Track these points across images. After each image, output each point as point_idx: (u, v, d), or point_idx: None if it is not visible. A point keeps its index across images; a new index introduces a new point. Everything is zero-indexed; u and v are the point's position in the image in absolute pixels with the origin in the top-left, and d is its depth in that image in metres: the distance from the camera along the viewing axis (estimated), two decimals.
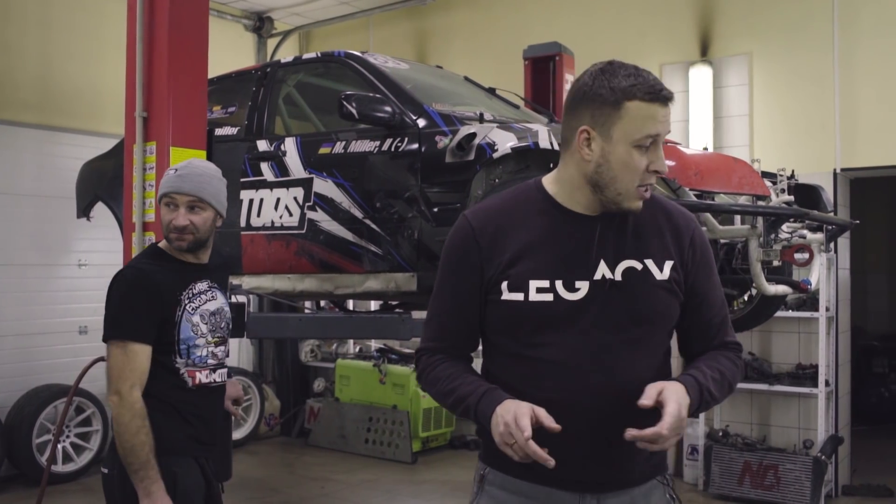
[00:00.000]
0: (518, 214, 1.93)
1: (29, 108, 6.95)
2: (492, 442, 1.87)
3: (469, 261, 1.93)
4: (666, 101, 1.82)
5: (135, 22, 4.02)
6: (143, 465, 2.69)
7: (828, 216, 4.17)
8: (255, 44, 8.90)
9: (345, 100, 3.94)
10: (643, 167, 1.84)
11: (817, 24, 6.33)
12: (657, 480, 1.99)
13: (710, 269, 2.02)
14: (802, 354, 6.36)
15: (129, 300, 2.77)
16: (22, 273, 6.83)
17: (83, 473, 6.70)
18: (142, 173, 3.99)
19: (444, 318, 2.01)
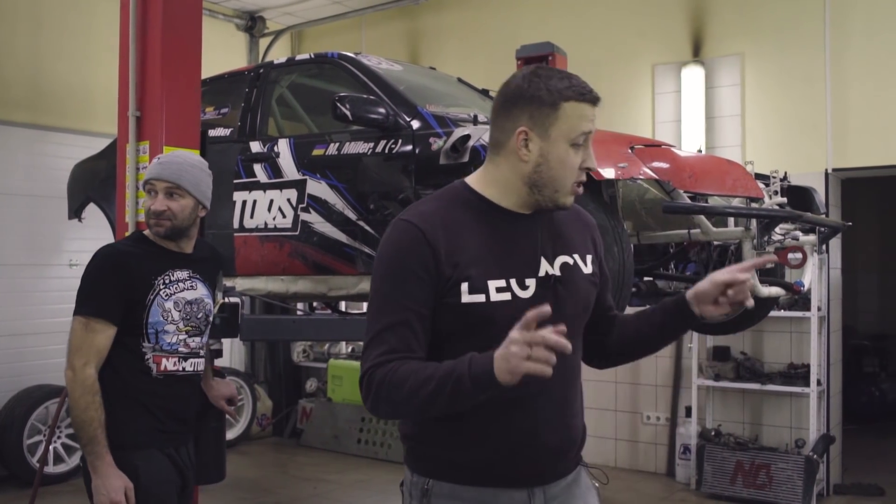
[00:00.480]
0: (460, 217, 1.91)
1: (20, 107, 6.91)
2: (442, 453, 1.92)
3: (423, 264, 1.84)
4: (595, 102, 1.92)
5: (128, 21, 4.00)
6: (91, 441, 2.72)
7: (820, 218, 4.19)
8: (247, 43, 8.88)
9: (339, 101, 3.93)
10: (577, 165, 1.91)
11: (809, 24, 6.36)
12: (580, 465, 2.08)
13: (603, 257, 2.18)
14: (794, 354, 6.38)
15: (98, 278, 2.81)
16: (13, 273, 6.79)
17: (74, 474, 6.64)
18: (135, 173, 3.97)
19: (399, 329, 1.83)
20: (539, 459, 1.93)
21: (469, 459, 1.91)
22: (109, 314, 2.77)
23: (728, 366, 6.43)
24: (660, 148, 3.67)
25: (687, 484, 6.50)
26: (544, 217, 1.98)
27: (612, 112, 7.14)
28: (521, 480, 1.93)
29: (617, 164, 3.37)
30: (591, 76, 7.01)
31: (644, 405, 7.01)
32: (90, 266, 2.85)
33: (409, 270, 1.83)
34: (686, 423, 6.61)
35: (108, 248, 2.93)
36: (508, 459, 1.90)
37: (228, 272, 4.65)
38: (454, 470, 1.91)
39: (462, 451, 1.91)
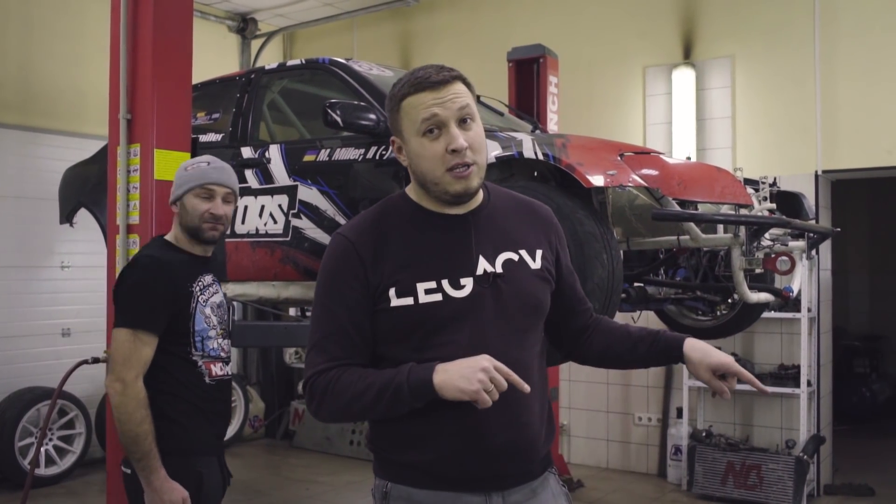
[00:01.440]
0: (392, 224, 1.96)
1: (10, 108, 6.89)
2: (394, 455, 1.92)
3: (354, 274, 1.90)
4: (434, 85, 1.87)
5: (118, 23, 3.99)
6: (146, 455, 2.70)
7: (809, 224, 4.21)
8: (238, 45, 8.87)
9: (329, 108, 3.93)
10: (440, 151, 1.87)
11: (799, 26, 6.38)
12: (549, 471, 2.05)
13: (567, 251, 2.15)
14: (785, 355, 6.41)
15: (143, 288, 2.78)
16: (4, 275, 6.77)
17: (66, 476, 6.66)
18: (126, 175, 3.96)
19: (337, 336, 1.90)
20: (489, 460, 1.89)
21: (418, 461, 1.91)
22: (155, 325, 2.76)
23: None
24: (649, 155, 3.69)
25: (678, 485, 6.52)
26: (482, 214, 1.97)
27: (604, 114, 7.17)
28: (475, 483, 1.90)
29: (606, 172, 3.39)
30: (582, 78, 7.11)
31: (635, 406, 7.03)
32: (132, 276, 2.80)
33: (342, 281, 1.91)
34: (677, 423, 6.64)
35: (148, 259, 2.87)
36: (455, 460, 1.88)
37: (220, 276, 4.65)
38: (408, 472, 1.92)
39: (410, 452, 1.91)
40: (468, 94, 1.91)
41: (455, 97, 1.87)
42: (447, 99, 1.87)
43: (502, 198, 2.06)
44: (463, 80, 1.93)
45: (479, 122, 1.93)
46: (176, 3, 4.00)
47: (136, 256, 2.86)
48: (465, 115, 1.88)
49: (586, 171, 3.36)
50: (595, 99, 7.20)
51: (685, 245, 3.80)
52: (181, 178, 2.98)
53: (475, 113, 1.91)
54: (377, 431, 1.97)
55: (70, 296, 7.03)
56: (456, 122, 1.87)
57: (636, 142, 7.03)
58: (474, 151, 1.88)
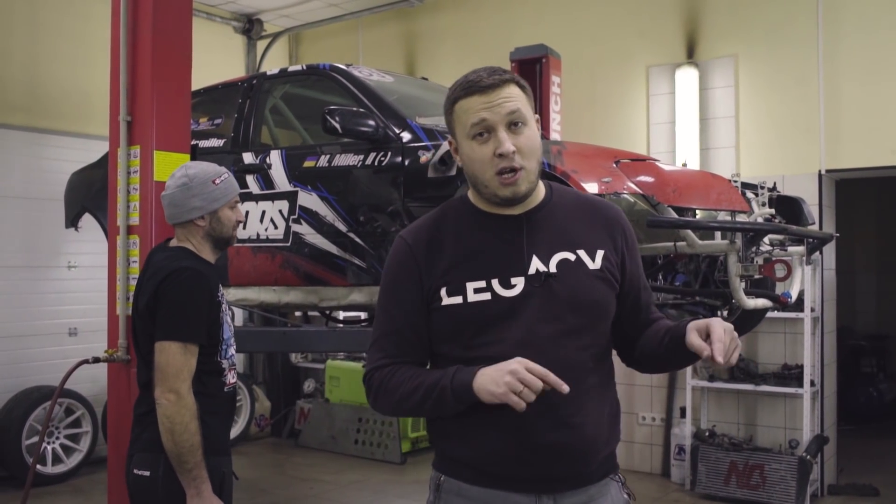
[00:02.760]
0: (448, 225, 2.01)
1: (17, 110, 6.95)
2: (447, 449, 1.97)
3: (409, 275, 1.98)
4: (484, 90, 1.89)
5: (118, 26, 4.03)
6: (197, 465, 2.73)
7: (806, 230, 4.20)
8: (244, 46, 8.91)
9: (328, 114, 3.95)
10: (489, 155, 1.90)
11: (802, 25, 6.37)
12: (610, 478, 2.01)
13: (637, 252, 2.11)
14: (788, 355, 6.40)
15: (189, 301, 2.80)
16: (11, 275, 6.83)
17: (73, 475, 6.72)
18: (126, 177, 4.00)
19: (394, 336, 1.99)
20: (536, 461, 1.88)
21: (469, 457, 1.94)
22: (201, 337, 2.81)
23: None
24: (644, 162, 3.70)
25: (682, 484, 6.52)
26: (539, 214, 1.98)
27: (607, 114, 7.17)
28: (524, 484, 1.90)
29: (601, 179, 3.40)
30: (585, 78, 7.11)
31: (639, 406, 7.03)
32: (180, 289, 2.80)
33: (399, 283, 2.00)
34: (681, 423, 6.63)
35: (192, 272, 2.86)
36: (503, 458, 1.89)
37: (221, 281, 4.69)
38: (459, 467, 1.96)
39: (462, 448, 1.95)
40: (521, 98, 1.92)
41: (505, 101, 1.88)
42: (496, 103, 1.88)
43: (566, 197, 2.05)
44: (517, 83, 1.94)
45: (533, 126, 1.94)
46: (175, 6, 4.04)
47: (178, 269, 2.82)
48: (515, 119, 1.89)
49: (581, 179, 3.38)
50: (598, 99, 7.20)
51: (682, 251, 3.80)
52: (214, 192, 2.97)
53: (527, 117, 1.91)
54: (433, 425, 2.01)
55: (77, 296, 7.08)
56: (504, 126, 1.89)
57: (640, 141, 7.04)
58: (523, 156, 1.89)
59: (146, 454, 2.83)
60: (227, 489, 2.93)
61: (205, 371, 2.85)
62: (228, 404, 3.01)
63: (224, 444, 2.96)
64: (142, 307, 2.86)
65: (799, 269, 4.47)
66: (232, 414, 3.09)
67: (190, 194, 2.94)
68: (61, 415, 6.73)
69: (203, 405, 2.81)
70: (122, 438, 2.84)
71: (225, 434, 2.99)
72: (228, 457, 2.99)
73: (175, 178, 2.99)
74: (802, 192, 6.20)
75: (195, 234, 2.98)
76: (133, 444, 2.91)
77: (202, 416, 2.79)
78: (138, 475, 2.84)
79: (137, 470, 2.84)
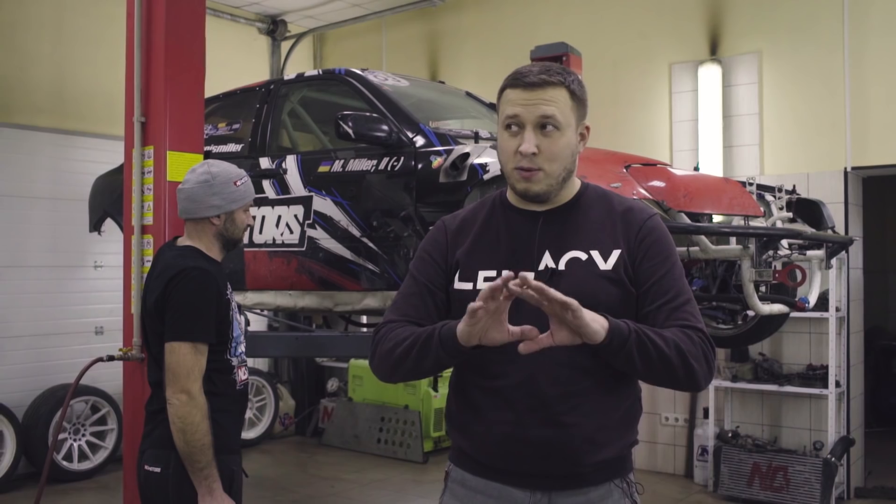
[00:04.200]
0: (479, 216, 2.08)
1: (43, 112, 7.06)
2: (455, 439, 2.01)
3: (437, 247, 2.07)
4: (527, 86, 1.90)
5: (133, 28, 4.08)
6: (209, 463, 2.76)
7: (822, 234, 4.12)
8: (269, 47, 8.97)
9: (341, 119, 3.96)
10: (512, 149, 1.93)
11: (827, 21, 6.27)
12: (614, 484, 1.96)
13: (664, 258, 1.98)
14: (813, 355, 6.30)
15: (198, 301, 2.82)
16: (38, 275, 6.94)
17: (99, 471, 6.81)
18: (140, 177, 4.05)
19: (412, 298, 2.05)
20: (527, 455, 1.90)
21: (468, 447, 1.98)
22: (210, 336, 2.83)
23: (746, 367, 6.38)
24: (655, 167, 3.67)
25: (705, 486, 6.46)
26: (560, 212, 1.99)
27: (630, 112, 7.12)
28: (519, 478, 1.92)
29: (610, 184, 3.37)
30: (608, 76, 7.08)
31: (662, 406, 6.97)
32: (188, 289, 2.81)
33: (427, 253, 2.08)
34: (704, 424, 6.56)
35: (200, 272, 2.86)
36: (497, 451, 1.92)
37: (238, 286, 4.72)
38: (463, 458, 2.01)
39: (464, 439, 2.00)
40: (563, 103, 1.91)
41: (542, 103, 1.89)
42: (533, 102, 1.89)
43: (596, 198, 2.04)
44: (567, 87, 1.92)
45: (568, 133, 1.93)
46: (187, 8, 4.07)
47: (185, 269, 2.82)
48: (547, 122, 1.90)
49: None
50: (621, 97, 7.15)
51: (695, 257, 3.76)
52: (234, 193, 2.98)
53: (562, 123, 1.91)
54: (447, 416, 2.07)
55: (103, 295, 7.16)
56: (535, 125, 1.90)
57: (662, 139, 6.98)
58: (545, 159, 1.91)
59: (157, 451, 2.85)
60: (237, 487, 2.95)
61: (215, 369, 2.87)
62: (239, 402, 3.02)
63: (234, 442, 2.98)
64: (150, 306, 2.88)
65: (818, 273, 4.39)
66: (243, 412, 3.09)
67: (211, 192, 2.94)
68: (87, 412, 6.82)
69: (213, 403, 2.82)
70: (136, 436, 2.87)
71: (235, 432, 3.00)
72: (239, 455, 3.01)
73: (196, 173, 2.98)
74: (828, 190, 6.16)
75: (207, 231, 2.98)
76: (145, 441, 2.93)
77: (213, 415, 2.81)
78: (149, 471, 2.86)
79: (149, 466, 2.86)
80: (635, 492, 2.03)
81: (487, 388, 1.93)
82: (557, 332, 1.74)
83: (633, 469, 2.05)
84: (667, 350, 1.83)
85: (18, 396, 6.65)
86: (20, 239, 6.84)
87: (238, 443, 3.02)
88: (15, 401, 6.58)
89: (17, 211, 6.83)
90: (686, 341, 1.86)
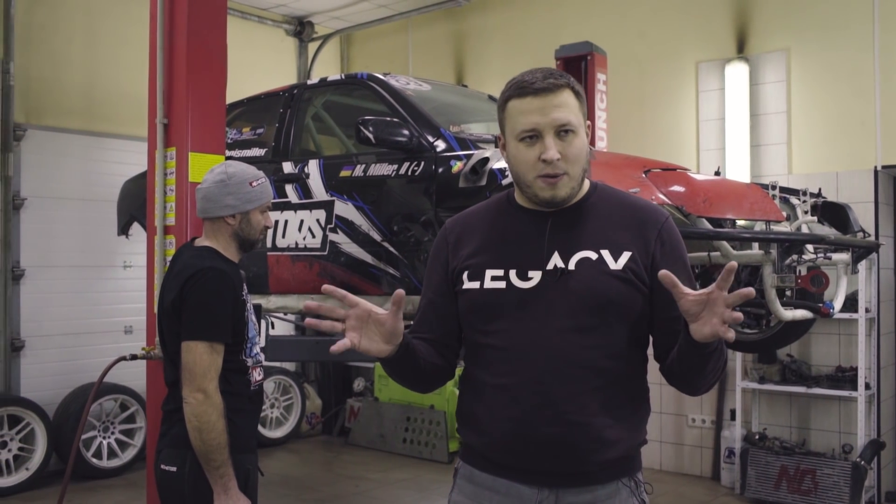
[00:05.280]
0: (485, 216, 2.10)
1: (75, 114, 7.16)
2: (464, 435, 2.05)
3: (439, 257, 2.10)
4: (537, 92, 1.90)
5: (155, 31, 4.13)
6: (224, 462, 2.78)
7: (846, 239, 4.05)
8: (296, 48, 9.02)
9: (361, 124, 3.97)
10: (533, 158, 1.92)
11: (857, 18, 6.17)
12: (622, 482, 1.96)
13: (683, 263, 2.01)
14: (843, 357, 6.21)
15: (215, 301, 2.84)
16: (69, 275, 7.04)
17: (128, 469, 6.89)
18: (163, 178, 4.10)
19: (420, 311, 2.12)
20: (535, 453, 1.90)
21: (476, 444, 2.00)
22: (227, 335, 2.86)
23: (774, 368, 6.30)
24: (674, 172, 3.64)
25: (731, 488, 6.39)
26: (569, 212, 1.99)
27: (656, 111, 7.07)
28: (526, 475, 1.93)
29: (629, 189, 3.35)
30: (634, 75, 7.04)
31: (689, 408, 6.91)
32: (205, 289, 2.84)
33: (431, 265, 2.13)
34: (731, 426, 6.50)
35: (217, 272, 2.90)
36: (505, 447, 1.93)
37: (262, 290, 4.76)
38: (472, 454, 2.03)
39: (472, 435, 2.01)
40: (573, 106, 1.93)
41: (557, 108, 1.90)
42: (547, 109, 1.90)
43: (607, 199, 2.04)
44: (572, 88, 1.94)
45: (581, 134, 1.95)
46: (209, 11, 4.11)
47: (201, 269, 2.86)
48: (565, 128, 1.91)
49: None
50: (647, 96, 7.10)
51: (716, 262, 3.73)
52: (250, 193, 3.01)
53: (577, 126, 1.93)
54: (456, 412, 2.10)
55: (132, 294, 7.21)
56: (553, 132, 1.91)
57: (689, 138, 6.92)
58: (567, 162, 1.92)
59: (173, 450, 2.88)
60: (252, 485, 2.97)
61: (230, 369, 2.89)
62: (254, 402, 3.04)
63: (250, 441, 3.00)
64: (167, 305, 2.90)
65: (844, 278, 4.32)
66: (258, 412, 3.11)
67: (226, 191, 2.97)
68: (116, 410, 6.91)
69: (229, 403, 2.85)
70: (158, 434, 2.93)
71: (251, 431, 3.03)
72: (254, 454, 3.03)
73: (214, 173, 3.02)
74: (857, 189, 6.07)
75: (223, 231, 3.01)
76: (161, 440, 2.96)
77: (228, 414, 2.83)
78: (165, 470, 2.89)
79: (164, 465, 2.90)
80: (644, 491, 2.03)
81: (496, 386, 1.94)
82: (701, 328, 1.75)
83: (641, 469, 2.05)
84: (724, 356, 1.93)
85: (49, 394, 6.76)
86: (51, 240, 6.95)
87: (254, 442, 3.04)
88: (46, 399, 6.69)
89: (48, 212, 6.93)
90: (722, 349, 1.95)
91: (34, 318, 6.83)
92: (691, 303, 1.75)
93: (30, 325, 6.80)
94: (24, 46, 6.85)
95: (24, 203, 6.77)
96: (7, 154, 6.64)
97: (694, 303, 1.75)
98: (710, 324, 1.74)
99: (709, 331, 1.74)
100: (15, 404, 6.45)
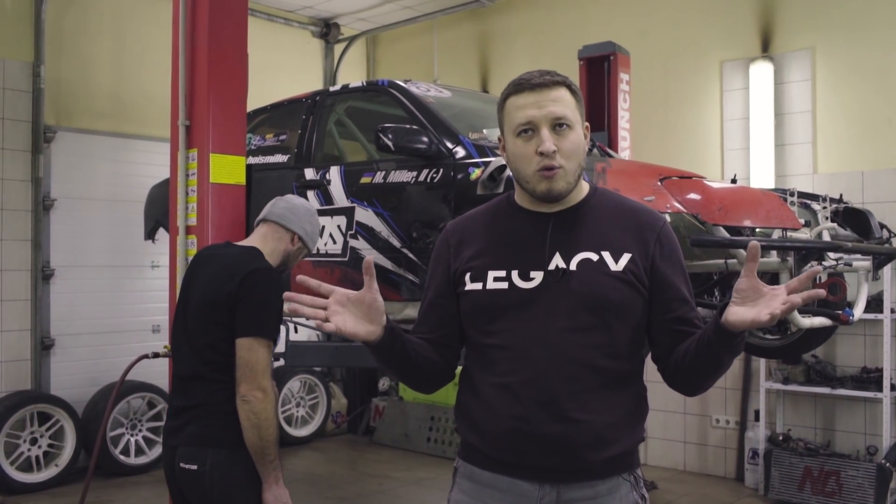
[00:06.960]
0: (486, 218, 2.14)
1: (104, 116, 7.28)
2: (464, 433, 2.07)
3: (441, 259, 2.14)
4: (534, 88, 1.96)
5: (178, 34, 4.20)
6: (276, 455, 2.89)
7: (864, 246, 4.00)
8: (322, 49, 9.09)
9: (381, 132, 4.00)
10: (531, 152, 1.96)
11: (883, 17, 6.11)
12: (622, 477, 1.99)
13: (681, 266, 2.06)
14: (868, 357, 6.15)
15: (276, 300, 2.92)
16: (98, 275, 7.16)
17: (155, 466, 6.98)
18: (185, 179, 4.16)
19: (422, 313, 2.16)
20: (536, 450, 1.93)
21: (477, 442, 2.02)
22: (278, 336, 2.99)
23: (798, 369, 6.26)
24: (690, 180, 3.63)
25: (755, 489, 6.35)
26: (570, 214, 2.02)
27: (680, 111, 7.04)
28: (527, 472, 1.95)
29: (643, 198, 3.36)
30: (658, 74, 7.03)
31: (713, 408, 6.88)
32: (269, 287, 2.92)
33: (433, 267, 2.17)
34: (755, 427, 6.46)
35: (277, 273, 3.07)
36: (506, 445, 1.96)
37: None
38: (472, 452, 2.05)
39: (472, 433, 2.03)
40: (569, 102, 1.98)
41: (553, 103, 1.95)
42: (543, 103, 1.95)
43: (606, 201, 2.09)
44: (568, 87, 1.99)
45: (578, 131, 1.99)
46: (230, 14, 4.17)
47: (263, 267, 2.96)
48: (560, 122, 1.95)
49: None
50: (671, 95, 7.08)
51: (733, 269, 3.71)
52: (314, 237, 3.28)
53: (573, 120, 1.97)
54: (455, 410, 2.13)
55: (160, 294, 7.26)
56: (549, 126, 1.95)
57: (713, 138, 6.89)
58: (564, 156, 1.95)
59: (192, 448, 2.90)
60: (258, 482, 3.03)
61: None
62: None
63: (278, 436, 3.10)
64: (220, 296, 2.89)
65: (865, 285, 4.26)
66: None
67: (310, 219, 3.23)
68: (143, 408, 7.01)
69: None
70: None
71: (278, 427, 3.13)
72: None
73: (303, 202, 3.28)
74: (883, 188, 6.02)
75: (281, 243, 3.15)
76: (174, 436, 2.96)
77: None
78: (185, 469, 2.91)
79: (184, 464, 2.91)
80: (643, 487, 2.07)
81: (498, 385, 1.97)
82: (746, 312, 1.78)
83: (640, 465, 2.09)
84: (733, 360, 1.97)
85: (78, 392, 6.88)
86: (81, 240, 7.06)
87: None
88: (75, 396, 6.81)
89: (78, 213, 7.05)
90: None
91: (64, 317, 6.95)
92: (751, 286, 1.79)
93: (59, 324, 6.92)
94: (54, 50, 6.97)
95: (54, 204, 6.90)
96: (37, 156, 6.76)
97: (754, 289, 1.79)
98: (755, 310, 1.77)
99: (751, 316, 1.77)
100: (45, 402, 6.57)
